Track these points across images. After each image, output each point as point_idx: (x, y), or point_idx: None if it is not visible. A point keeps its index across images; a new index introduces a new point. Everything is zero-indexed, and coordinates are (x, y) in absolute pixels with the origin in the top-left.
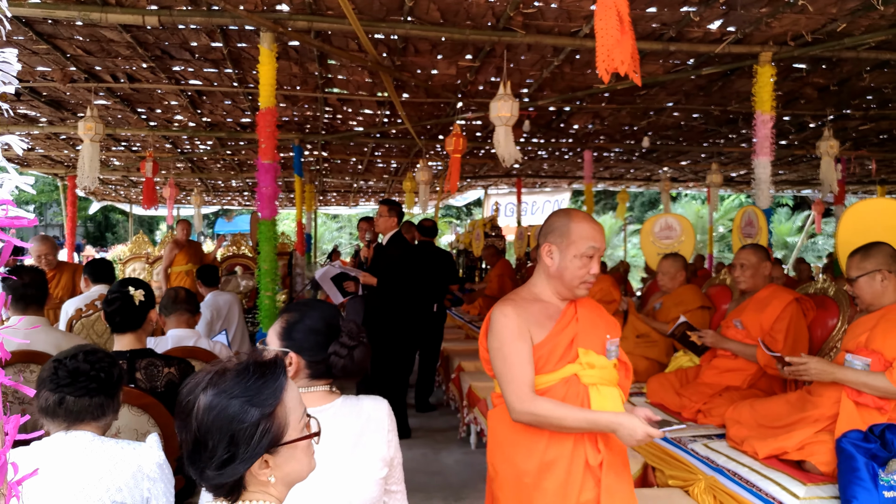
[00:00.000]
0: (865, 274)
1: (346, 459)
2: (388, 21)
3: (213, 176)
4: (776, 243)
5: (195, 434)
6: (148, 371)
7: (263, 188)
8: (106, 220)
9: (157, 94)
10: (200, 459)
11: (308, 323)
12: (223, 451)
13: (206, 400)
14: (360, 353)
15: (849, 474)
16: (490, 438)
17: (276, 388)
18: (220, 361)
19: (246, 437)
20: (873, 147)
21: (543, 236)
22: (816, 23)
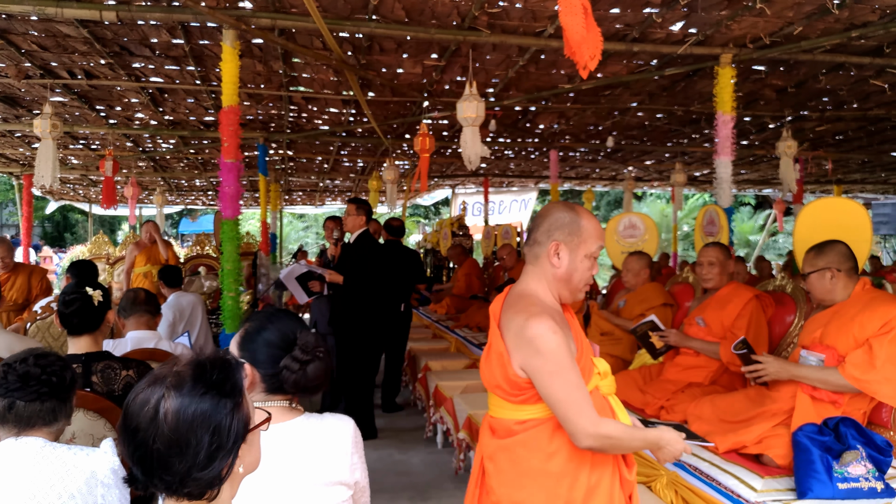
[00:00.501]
0: (816, 271)
1: (304, 481)
2: (352, 19)
3: (177, 175)
4: (738, 241)
5: (169, 441)
6: (105, 374)
7: (226, 187)
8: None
9: (117, 92)
10: (182, 462)
11: (265, 335)
12: (209, 445)
13: (174, 404)
14: (315, 368)
15: (804, 467)
16: (510, 470)
17: (237, 377)
18: (165, 367)
19: (227, 427)
20: (829, 148)
21: (546, 233)
22: (774, 26)
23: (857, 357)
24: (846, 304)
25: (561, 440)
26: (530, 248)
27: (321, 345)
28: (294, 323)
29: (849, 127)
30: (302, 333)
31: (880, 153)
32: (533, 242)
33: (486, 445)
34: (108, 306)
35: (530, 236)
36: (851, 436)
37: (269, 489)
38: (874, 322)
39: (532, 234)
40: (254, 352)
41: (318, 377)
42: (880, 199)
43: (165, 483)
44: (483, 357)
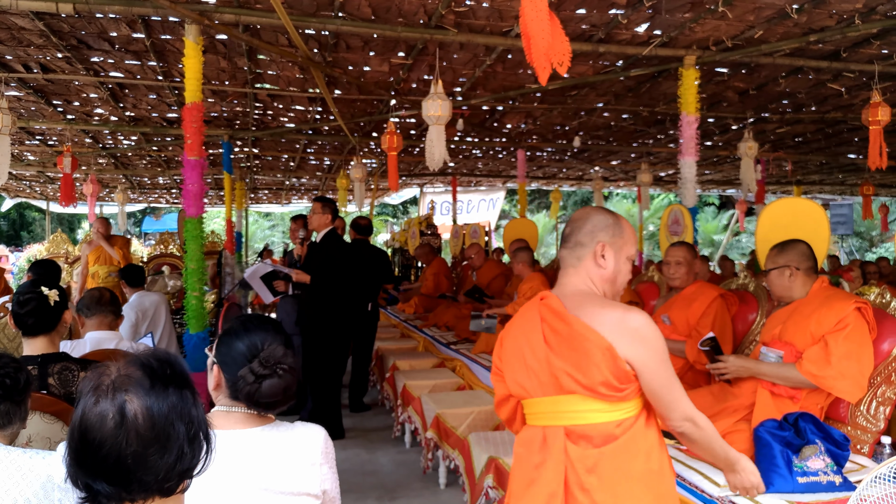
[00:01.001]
0: (776, 268)
1: (268, 489)
2: (318, 16)
3: (139, 172)
4: (703, 241)
5: (147, 440)
6: (62, 376)
7: (189, 185)
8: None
9: (75, 86)
10: (165, 456)
11: (236, 340)
12: (186, 433)
13: (142, 404)
14: (271, 385)
15: (765, 461)
16: (619, 478)
17: (185, 369)
18: (101, 376)
19: (196, 415)
20: (789, 149)
21: (590, 235)
22: (736, 29)
23: (814, 353)
24: (804, 301)
25: (651, 435)
26: (571, 251)
27: (286, 362)
28: (268, 334)
29: (807, 129)
30: (270, 347)
31: (837, 155)
32: (575, 245)
33: (579, 459)
34: (66, 306)
35: (570, 239)
36: (810, 430)
37: (231, 496)
38: (830, 319)
39: (572, 237)
40: (224, 355)
41: (274, 394)
42: (838, 200)
43: (144, 484)
44: (540, 364)
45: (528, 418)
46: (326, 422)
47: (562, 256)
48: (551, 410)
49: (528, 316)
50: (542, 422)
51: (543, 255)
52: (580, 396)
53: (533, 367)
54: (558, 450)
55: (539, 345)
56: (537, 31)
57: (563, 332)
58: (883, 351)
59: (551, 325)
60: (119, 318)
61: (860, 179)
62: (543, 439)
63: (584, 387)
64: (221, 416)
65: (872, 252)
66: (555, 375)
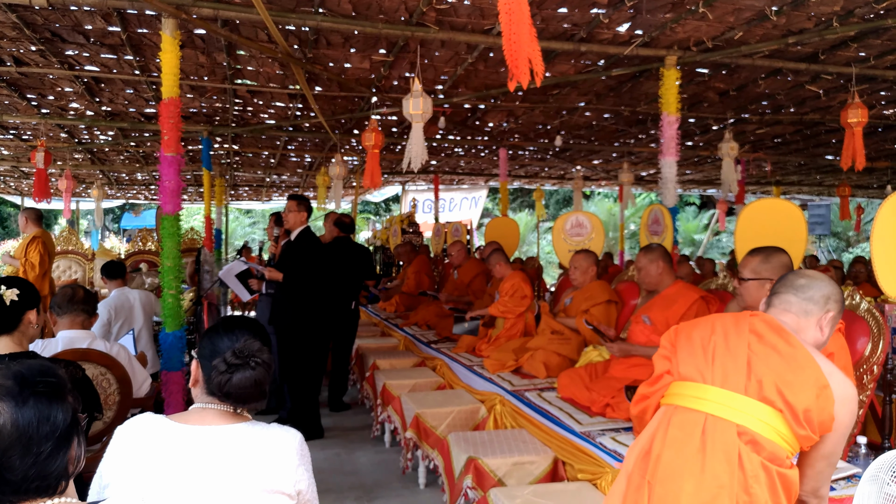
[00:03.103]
0: (757, 279)
1: (240, 486)
2: (298, 12)
3: (116, 168)
4: (683, 240)
5: (9, 444)
6: None
7: (166, 182)
8: None
9: (49, 80)
10: (25, 460)
11: (216, 336)
12: (49, 439)
13: (7, 411)
14: (243, 376)
15: None
16: (768, 496)
17: (60, 379)
18: None
19: (62, 422)
20: (769, 150)
21: (824, 300)
22: (716, 30)
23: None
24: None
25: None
26: (803, 303)
27: (261, 356)
28: (248, 332)
29: (786, 130)
30: (248, 342)
31: (815, 156)
32: (808, 300)
33: (749, 462)
34: (30, 305)
35: (805, 293)
36: None
37: (204, 492)
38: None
39: (808, 292)
40: (203, 349)
41: (246, 386)
42: (815, 201)
43: (12, 484)
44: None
45: (683, 399)
46: (305, 421)
47: (786, 299)
48: (727, 404)
49: (734, 320)
50: (706, 409)
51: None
52: (772, 410)
53: (724, 362)
54: (730, 443)
55: (739, 344)
56: (519, 34)
57: (782, 350)
58: (855, 352)
59: (766, 338)
60: (93, 317)
61: (837, 180)
62: (704, 426)
63: (787, 404)
64: (197, 412)
65: (849, 252)
66: (757, 379)
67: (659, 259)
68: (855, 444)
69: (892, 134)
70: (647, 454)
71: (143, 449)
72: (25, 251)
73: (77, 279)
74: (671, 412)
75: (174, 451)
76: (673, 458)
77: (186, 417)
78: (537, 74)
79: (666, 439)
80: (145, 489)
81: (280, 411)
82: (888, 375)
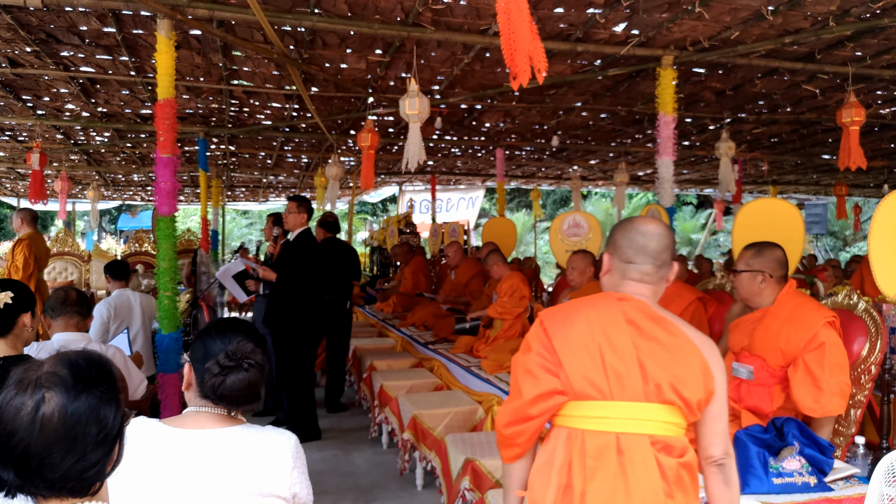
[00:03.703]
0: (749, 271)
1: (234, 489)
2: (293, 12)
3: (112, 169)
4: (681, 240)
5: (54, 438)
6: None
7: (162, 183)
8: None
9: (44, 81)
10: (68, 458)
11: (208, 338)
12: (95, 438)
13: (59, 402)
14: (237, 378)
15: (741, 462)
16: (688, 493)
17: (113, 373)
18: (29, 371)
19: (111, 421)
20: (765, 149)
21: (668, 253)
22: (713, 30)
23: (803, 388)
24: (771, 311)
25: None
26: (659, 269)
27: (254, 358)
28: (241, 334)
29: (783, 130)
30: (240, 343)
31: (812, 156)
32: (663, 264)
33: (669, 469)
34: (24, 308)
35: (660, 257)
36: (792, 434)
37: (198, 496)
38: (799, 337)
39: (662, 255)
40: (196, 352)
41: (240, 388)
42: (812, 200)
43: (48, 481)
44: (627, 368)
45: (587, 423)
46: (303, 423)
47: (643, 270)
48: (634, 417)
49: (604, 310)
50: (616, 428)
51: (523, 253)
52: (671, 408)
53: (616, 368)
54: (647, 456)
55: (624, 344)
56: (520, 33)
57: (665, 341)
58: (852, 353)
59: (646, 330)
60: (87, 319)
61: (834, 180)
62: (618, 447)
63: (684, 400)
64: (191, 415)
65: (846, 251)
66: (654, 381)
67: None
68: (853, 445)
69: (889, 133)
70: (568, 489)
71: (137, 454)
72: (12, 253)
73: (73, 281)
74: (579, 438)
75: (169, 456)
76: (598, 490)
77: (180, 421)
78: (539, 71)
79: (585, 472)
80: (140, 494)
81: (277, 413)
82: (886, 375)
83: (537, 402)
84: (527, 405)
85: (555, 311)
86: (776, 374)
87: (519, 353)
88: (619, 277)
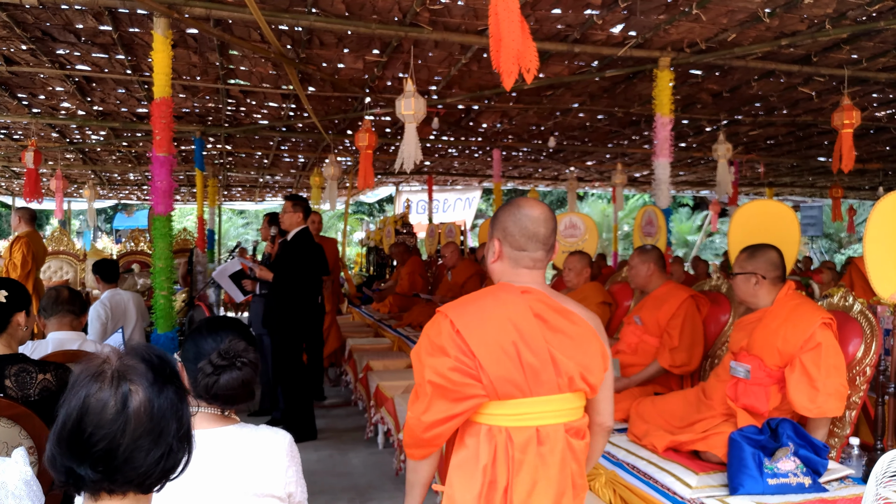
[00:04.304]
0: (743, 273)
1: (231, 489)
2: (291, 12)
3: (108, 168)
4: (677, 241)
5: (142, 433)
6: (19, 378)
7: (158, 182)
8: None
9: (40, 79)
10: (152, 452)
11: (200, 337)
12: (177, 432)
13: (145, 396)
14: (230, 377)
15: (736, 463)
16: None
17: (176, 367)
18: (92, 366)
19: (186, 415)
20: (761, 151)
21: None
22: (710, 32)
23: (799, 388)
24: (770, 311)
25: None
26: (547, 254)
27: (247, 356)
28: (232, 332)
29: (779, 132)
30: (232, 342)
31: (808, 158)
32: (550, 248)
33: (580, 451)
34: (18, 307)
35: (549, 242)
36: (787, 435)
37: (194, 497)
38: (796, 337)
39: (550, 240)
40: (187, 351)
41: (233, 387)
42: (808, 202)
43: (128, 476)
44: (542, 362)
45: (510, 420)
46: (299, 422)
47: (536, 257)
48: (550, 409)
49: (513, 306)
50: (536, 422)
51: None
52: (579, 394)
53: (532, 364)
54: (562, 443)
55: (537, 340)
56: (508, 34)
57: (570, 332)
58: (847, 354)
59: (551, 322)
60: (81, 317)
61: (829, 182)
62: (538, 438)
63: (590, 386)
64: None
65: (841, 253)
66: (566, 373)
67: (651, 261)
68: (847, 446)
69: (884, 136)
70: (492, 484)
71: None
72: (10, 251)
73: (69, 280)
74: (503, 435)
75: None
76: (522, 482)
77: None
78: (530, 72)
79: (512, 466)
80: None
81: (273, 412)
82: (881, 377)
83: (460, 404)
84: (449, 407)
85: (461, 309)
86: (773, 375)
87: (425, 355)
88: (511, 265)
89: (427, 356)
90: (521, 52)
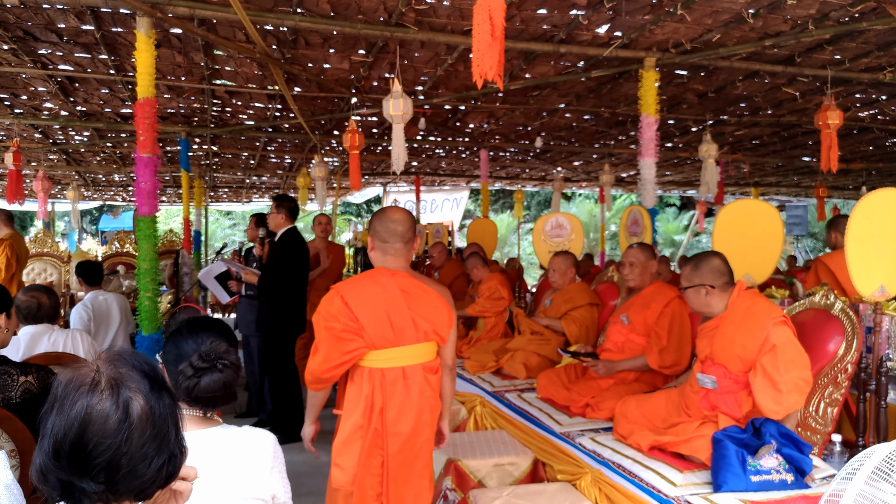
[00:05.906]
0: (691, 286)
1: (214, 492)
2: (276, 12)
3: (93, 169)
4: (664, 241)
5: (146, 440)
6: (0, 381)
7: (142, 183)
8: None
9: (22, 79)
10: (157, 459)
11: (180, 339)
12: (175, 437)
13: (143, 403)
14: (211, 380)
15: (720, 461)
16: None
17: (161, 370)
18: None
19: (179, 420)
20: (747, 151)
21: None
22: (695, 32)
23: (764, 392)
24: (725, 317)
25: None
26: (407, 245)
27: (228, 358)
28: (213, 333)
29: (764, 132)
30: (213, 343)
31: (792, 157)
32: (409, 240)
33: (435, 384)
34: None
35: (407, 236)
36: (770, 434)
37: None
38: (752, 343)
39: (409, 234)
40: (167, 353)
41: (214, 389)
42: (793, 202)
43: (130, 486)
44: (405, 321)
45: (384, 363)
46: (288, 423)
47: (396, 247)
48: (412, 354)
49: (385, 286)
50: (402, 363)
51: (507, 254)
52: (433, 343)
53: (399, 324)
54: (420, 379)
55: (402, 308)
56: (478, 34)
57: (424, 299)
58: (829, 352)
59: (412, 293)
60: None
61: (814, 182)
62: (404, 375)
63: (440, 337)
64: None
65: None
66: (422, 329)
67: (652, 259)
68: (830, 443)
69: (868, 136)
70: (369, 408)
71: None
72: None
73: (52, 282)
74: (378, 374)
75: None
76: (392, 405)
77: None
78: (498, 76)
79: (385, 395)
80: None
81: (260, 414)
82: (862, 374)
83: (348, 354)
84: (341, 356)
85: (348, 288)
86: (740, 381)
87: (322, 320)
88: (381, 254)
89: (324, 321)
90: (489, 58)
